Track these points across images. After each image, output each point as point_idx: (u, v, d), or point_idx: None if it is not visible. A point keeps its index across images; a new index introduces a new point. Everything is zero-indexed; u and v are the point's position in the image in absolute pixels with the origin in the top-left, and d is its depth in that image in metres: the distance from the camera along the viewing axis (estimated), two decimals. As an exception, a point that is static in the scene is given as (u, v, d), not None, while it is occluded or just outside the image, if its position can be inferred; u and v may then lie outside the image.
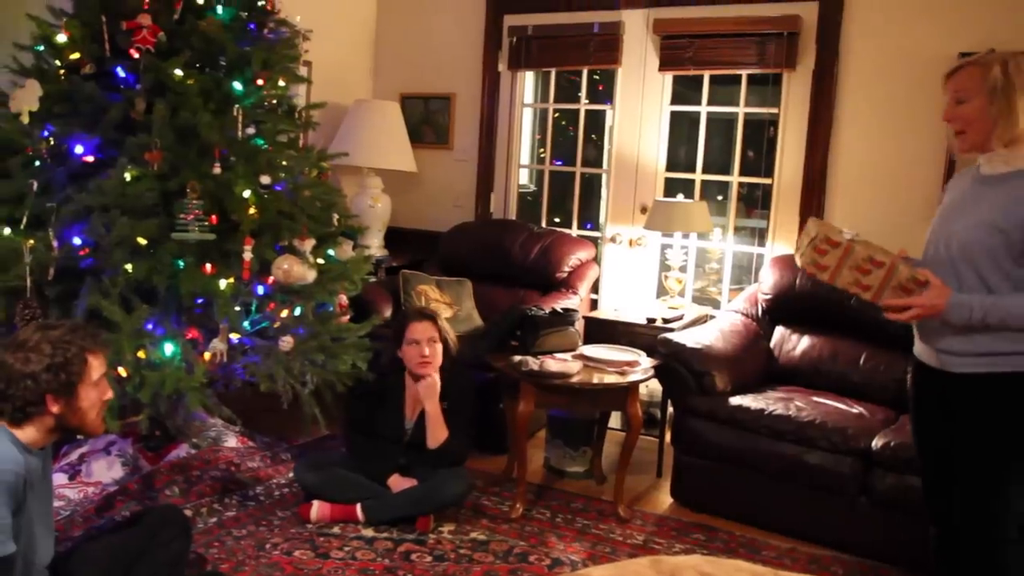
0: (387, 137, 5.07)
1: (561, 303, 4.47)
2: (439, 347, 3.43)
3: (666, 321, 4.19)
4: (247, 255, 3.04)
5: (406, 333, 3.42)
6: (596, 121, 5.36)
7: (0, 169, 3.09)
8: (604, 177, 5.11)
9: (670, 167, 4.87)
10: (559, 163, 5.47)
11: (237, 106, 3.20)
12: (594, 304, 4.96)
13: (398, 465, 3.42)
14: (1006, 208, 2.20)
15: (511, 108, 5.20)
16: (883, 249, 2.29)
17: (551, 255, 4.74)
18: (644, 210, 4.82)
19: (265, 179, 3.14)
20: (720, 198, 5.53)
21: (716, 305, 4.84)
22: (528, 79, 5.30)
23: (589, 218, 5.34)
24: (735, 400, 3.58)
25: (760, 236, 4.78)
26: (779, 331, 4.13)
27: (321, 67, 4.85)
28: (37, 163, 3.08)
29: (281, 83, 3.40)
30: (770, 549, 3.34)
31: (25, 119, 3.06)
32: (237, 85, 3.21)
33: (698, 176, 4.78)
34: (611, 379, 3.49)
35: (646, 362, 3.69)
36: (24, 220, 2.96)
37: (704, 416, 3.62)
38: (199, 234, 2.94)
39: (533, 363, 3.43)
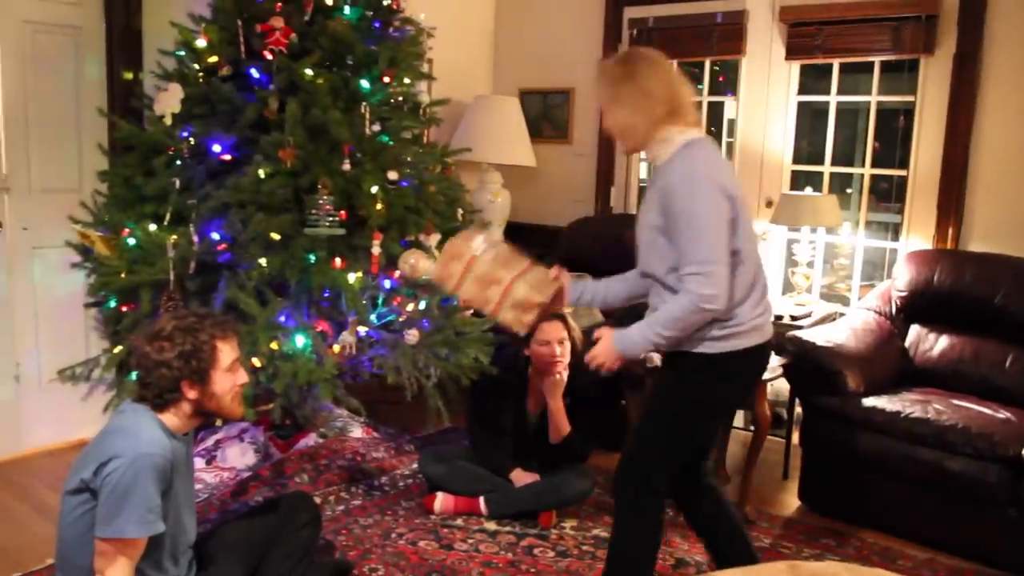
0: (507, 132, 5.09)
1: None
2: (568, 346, 3.41)
3: (794, 319, 4.06)
4: (375, 250, 3.10)
5: (536, 333, 3.41)
6: (713, 113, 5.24)
7: (146, 168, 3.25)
8: None
9: (796, 159, 4.71)
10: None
11: (364, 103, 3.27)
12: (716, 300, 4.85)
13: (520, 460, 3.43)
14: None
15: (631, 101, 5.13)
16: (514, 263, 2.44)
17: (672, 250, 4.66)
18: (769, 204, 4.68)
19: (392, 175, 3.20)
20: (848, 191, 5.31)
21: (845, 302, 4.66)
22: (648, 72, 5.22)
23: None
24: (869, 401, 3.43)
25: (893, 230, 4.57)
26: (915, 330, 3.94)
27: (442, 64, 4.89)
28: (179, 162, 3.22)
29: (406, 80, 3.45)
30: (906, 559, 3.19)
31: (168, 121, 3.20)
32: (364, 83, 3.27)
33: (827, 168, 4.61)
34: (737, 377, 3.40)
35: (774, 360, 3.57)
36: (167, 216, 3.11)
37: (836, 417, 3.48)
38: (330, 229, 3.01)
39: (658, 359, 3.37)
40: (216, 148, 3.13)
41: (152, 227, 3.09)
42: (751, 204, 4.77)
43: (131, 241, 3.09)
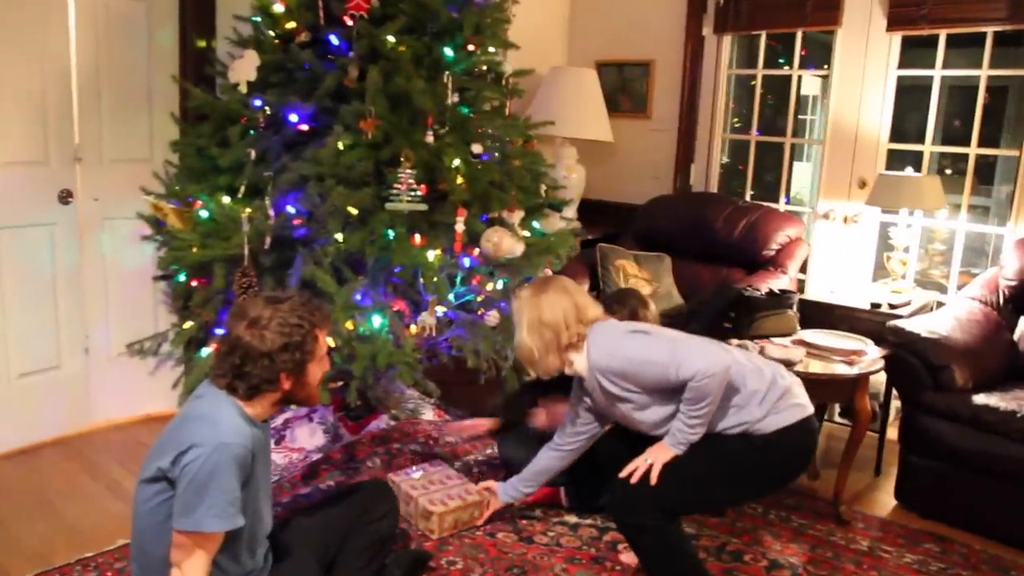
0: (584, 106, 4.88)
1: (770, 283, 4.18)
2: None
3: (892, 306, 3.81)
4: (459, 227, 2.94)
5: None
6: (782, 88, 4.98)
7: (219, 139, 3.13)
8: (818, 149, 4.73)
9: (894, 138, 4.43)
10: (758, 133, 5.13)
11: (447, 72, 3.10)
12: (801, 285, 4.62)
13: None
14: None
15: (716, 74, 4.90)
16: (440, 482, 3.10)
17: (758, 231, 4.44)
18: (863, 184, 4.43)
19: (476, 148, 3.03)
20: (948, 172, 5.01)
21: (941, 290, 4.39)
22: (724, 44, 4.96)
23: (781, 191, 4.98)
24: (979, 399, 3.19)
25: (998, 215, 4.27)
26: (1025, 322, 3.67)
27: (515, 33, 4.69)
28: (253, 132, 3.09)
29: (491, 49, 3.27)
30: (1020, 569, 2.96)
31: (243, 89, 3.07)
32: (448, 51, 3.10)
33: (927, 148, 4.32)
34: (838, 369, 3.18)
35: (874, 352, 3.35)
36: (242, 189, 2.98)
37: (941, 415, 3.24)
38: (412, 204, 2.86)
39: (753, 348, 3.17)
40: (293, 118, 2.99)
41: (226, 200, 2.97)
42: (843, 184, 4.51)
43: (204, 214, 2.97)
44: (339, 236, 2.88)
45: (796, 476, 2.67)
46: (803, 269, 4.61)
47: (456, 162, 3.01)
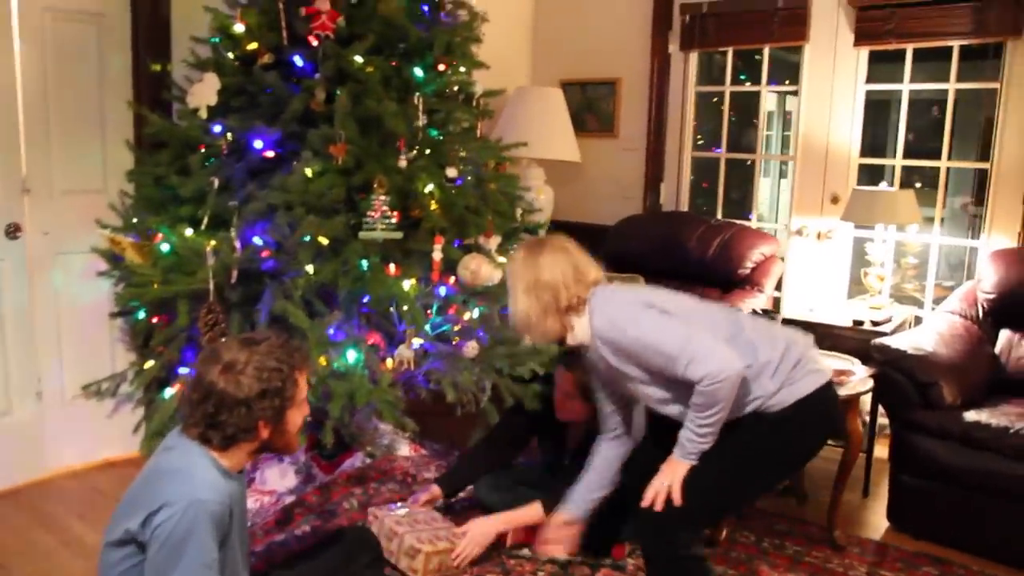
0: (550, 125, 4.79)
1: (748, 302, 4.11)
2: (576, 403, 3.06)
3: (875, 324, 3.76)
4: (436, 255, 2.81)
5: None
6: (748, 105, 4.96)
7: (179, 167, 2.97)
8: (776, 165, 4.69)
9: (864, 152, 4.40)
10: (718, 150, 5.09)
11: (418, 94, 2.98)
12: (776, 303, 4.56)
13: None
14: None
15: (684, 92, 4.84)
16: (426, 521, 2.88)
17: (732, 249, 4.37)
18: (835, 200, 4.39)
19: (451, 172, 2.91)
20: (918, 185, 5.00)
21: (917, 304, 4.35)
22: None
23: (746, 209, 4.94)
24: (970, 415, 3.13)
25: (973, 228, 4.26)
26: (1005, 335, 3.64)
27: (479, 53, 4.60)
28: (215, 160, 2.94)
29: (461, 69, 3.16)
30: (1020, 589, 2.90)
31: (203, 114, 2.93)
32: (418, 71, 2.98)
33: (898, 162, 4.30)
34: (827, 391, 3.10)
35: (861, 370, 3.28)
36: (205, 220, 2.82)
37: (932, 433, 3.18)
38: (387, 232, 2.72)
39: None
40: (258, 144, 2.85)
41: (188, 232, 2.81)
42: (815, 200, 4.47)
43: (165, 247, 2.81)
44: (310, 268, 2.73)
45: (822, 446, 2.45)
46: (778, 287, 4.56)
47: (430, 187, 2.89)
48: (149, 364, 2.95)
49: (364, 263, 2.79)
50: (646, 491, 2.28)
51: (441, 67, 3.04)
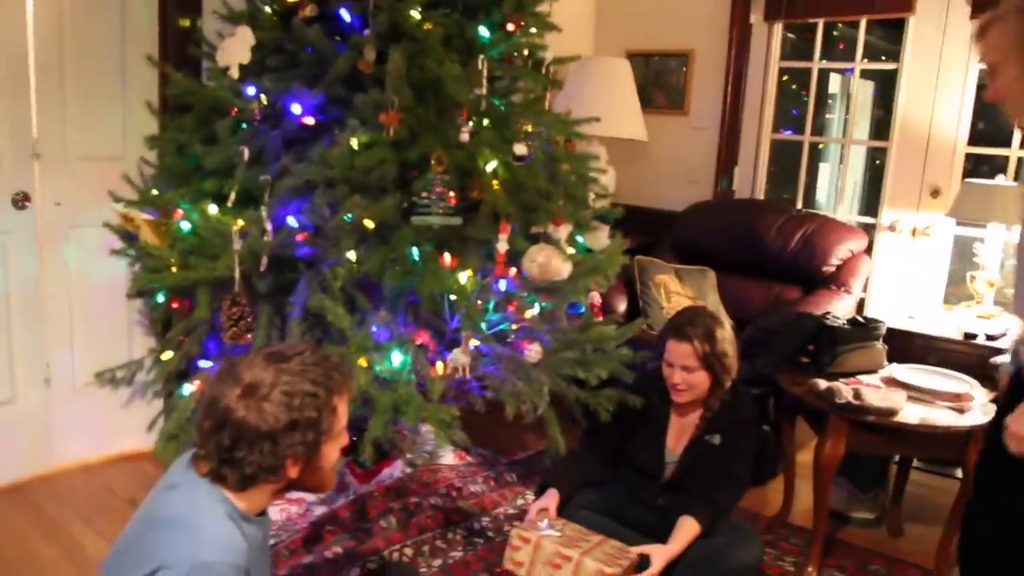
0: (615, 100, 4.34)
1: (834, 304, 3.67)
2: (701, 376, 2.64)
3: (989, 338, 3.30)
4: (502, 245, 2.41)
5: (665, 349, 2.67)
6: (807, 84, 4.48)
7: (205, 134, 2.59)
8: (836, 150, 4.23)
9: (973, 141, 3.91)
10: (786, 131, 4.63)
11: (482, 56, 2.56)
12: (860, 306, 4.10)
13: (631, 510, 2.71)
14: None
15: (765, 67, 4.37)
16: (583, 539, 2.34)
17: (816, 244, 3.92)
18: (935, 193, 3.92)
19: (520, 148, 2.49)
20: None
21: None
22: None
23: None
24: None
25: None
26: None
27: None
28: (246, 126, 2.55)
29: (532, 30, 2.73)
30: None
31: (235, 74, 2.53)
32: (483, 30, 2.56)
33: (1014, 152, 3.80)
34: (946, 419, 2.66)
35: (980, 394, 2.83)
36: (232, 196, 2.44)
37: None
38: (444, 218, 2.32)
39: (847, 392, 2.65)
40: (296, 109, 2.45)
41: (213, 209, 2.42)
42: (911, 192, 4.00)
43: (186, 226, 2.42)
44: (352, 255, 2.34)
45: None
46: (864, 287, 4.10)
47: (493, 165, 2.47)
48: (167, 355, 2.59)
49: (415, 252, 2.39)
50: None
51: (510, 27, 2.61)
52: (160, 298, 2.63)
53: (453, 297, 2.51)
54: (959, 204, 3.56)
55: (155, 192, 2.60)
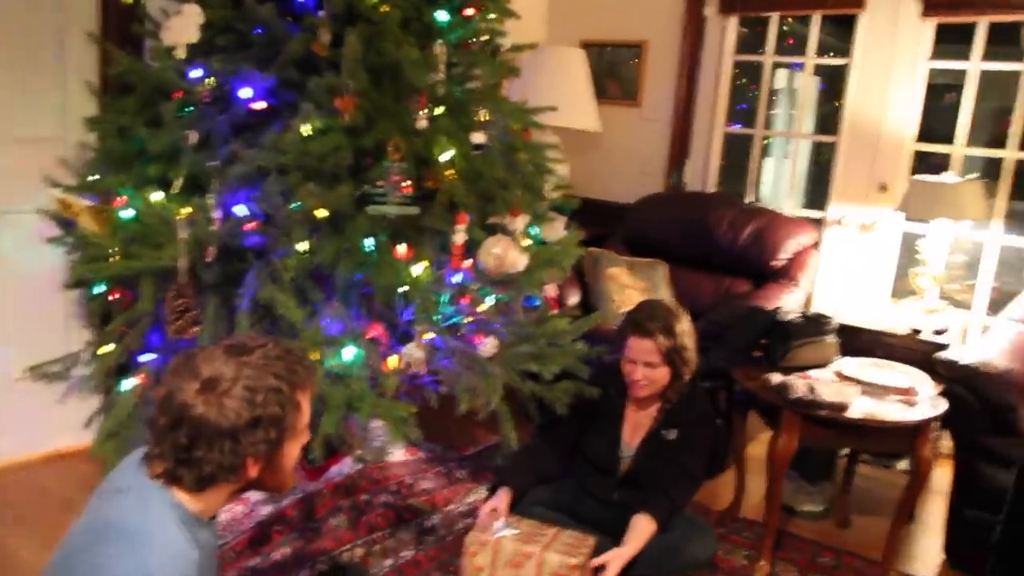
0: (570, 90, 4.31)
1: (783, 297, 3.69)
2: (661, 371, 2.62)
3: (937, 332, 3.34)
4: (459, 236, 2.35)
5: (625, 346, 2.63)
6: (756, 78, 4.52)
7: (149, 116, 2.47)
8: (780, 144, 4.26)
9: (922, 137, 3.96)
10: (735, 126, 4.65)
11: (440, 41, 2.49)
12: (807, 301, 4.14)
13: (589, 506, 2.68)
14: None
15: (719, 60, 4.37)
16: (539, 534, 2.32)
17: (766, 238, 3.94)
18: (883, 188, 3.96)
19: (478, 137, 2.43)
20: (974, 176, 4.57)
21: (965, 308, 3.93)
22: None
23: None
24: (1055, 446, 2.73)
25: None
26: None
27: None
28: (192, 109, 2.44)
29: (491, 16, 2.68)
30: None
31: (181, 54, 2.42)
32: (442, 15, 2.50)
33: (958, 149, 3.86)
34: (897, 413, 2.69)
35: (927, 387, 2.87)
36: (179, 183, 2.33)
37: (1002, 462, 2.78)
38: (402, 208, 2.25)
39: (801, 387, 2.65)
40: (246, 93, 2.35)
41: (157, 196, 2.31)
42: (859, 187, 4.04)
43: (128, 214, 2.31)
44: (304, 246, 2.25)
45: None
46: (810, 281, 4.13)
47: (450, 154, 2.41)
48: (107, 349, 2.48)
49: (369, 242, 2.32)
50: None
51: (469, 11, 2.55)
52: (99, 289, 2.52)
53: (405, 289, 2.44)
54: (907, 200, 3.61)
55: (95, 177, 2.48)
